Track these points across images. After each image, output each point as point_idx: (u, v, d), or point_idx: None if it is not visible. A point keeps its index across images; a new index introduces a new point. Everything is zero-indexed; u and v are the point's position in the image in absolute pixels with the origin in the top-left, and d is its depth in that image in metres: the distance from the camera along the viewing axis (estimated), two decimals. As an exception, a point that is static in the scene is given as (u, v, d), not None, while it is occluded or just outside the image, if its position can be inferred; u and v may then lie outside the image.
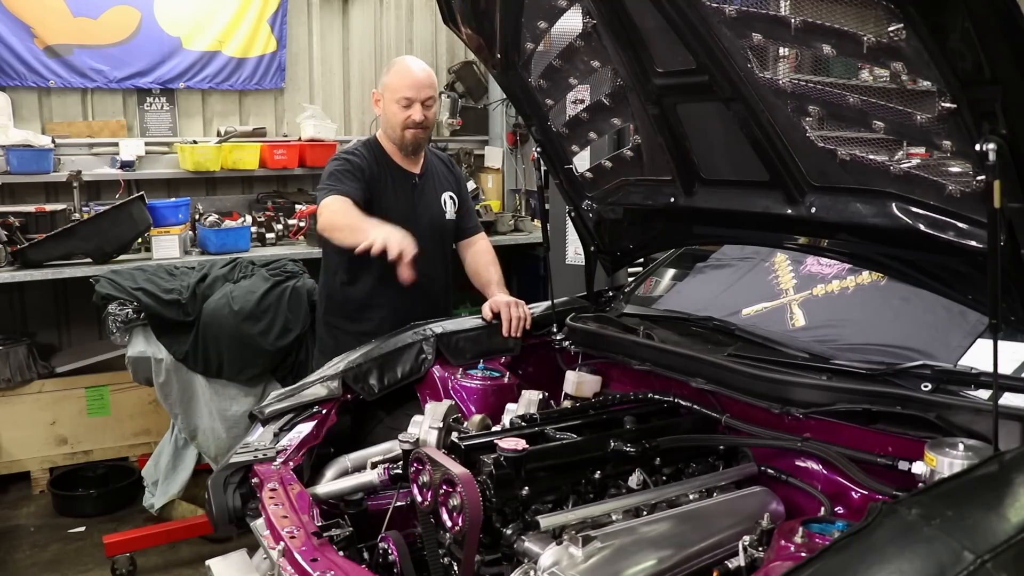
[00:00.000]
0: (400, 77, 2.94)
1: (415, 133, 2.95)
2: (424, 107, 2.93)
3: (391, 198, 2.96)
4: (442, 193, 3.11)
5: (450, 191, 3.14)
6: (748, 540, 1.61)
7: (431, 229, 3.02)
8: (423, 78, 2.94)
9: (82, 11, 4.93)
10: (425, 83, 2.94)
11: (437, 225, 3.08)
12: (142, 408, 4.61)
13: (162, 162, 5.17)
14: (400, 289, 2.77)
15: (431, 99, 2.96)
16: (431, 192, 3.08)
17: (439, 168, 3.17)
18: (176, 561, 3.78)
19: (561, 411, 2.26)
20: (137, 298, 3.61)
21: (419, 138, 2.98)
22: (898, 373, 1.88)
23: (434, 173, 3.12)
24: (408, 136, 2.95)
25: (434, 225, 3.06)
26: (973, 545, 1.15)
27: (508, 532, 1.68)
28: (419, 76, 2.93)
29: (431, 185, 3.09)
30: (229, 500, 2.04)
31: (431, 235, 3.01)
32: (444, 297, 3.16)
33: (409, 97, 2.91)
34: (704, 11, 1.78)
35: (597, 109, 2.38)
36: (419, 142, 2.99)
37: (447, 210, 3.11)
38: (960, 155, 1.58)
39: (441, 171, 3.17)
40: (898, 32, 1.46)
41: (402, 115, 2.92)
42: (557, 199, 3.42)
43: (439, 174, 3.15)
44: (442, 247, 3.12)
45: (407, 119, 2.92)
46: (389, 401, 2.52)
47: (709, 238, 2.65)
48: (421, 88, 2.92)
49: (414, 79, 2.93)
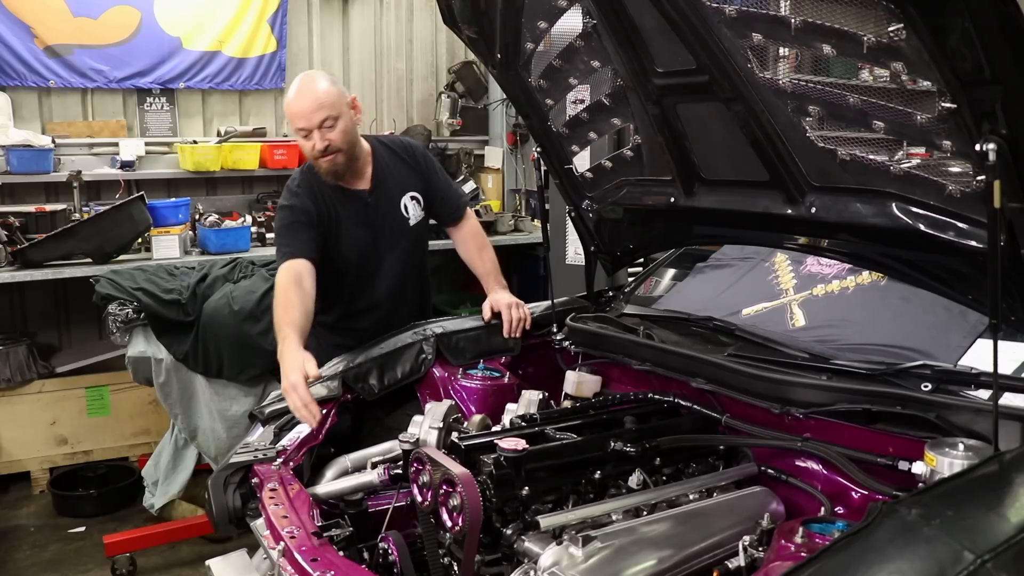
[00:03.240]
0: (290, 107, 2.67)
1: (328, 161, 2.66)
2: (323, 130, 2.61)
3: (345, 228, 2.76)
4: (401, 199, 2.87)
5: (412, 191, 2.89)
6: (748, 540, 1.61)
7: (394, 244, 2.86)
8: (311, 102, 2.60)
9: (82, 11, 4.93)
10: (314, 107, 2.60)
11: (402, 235, 2.88)
12: (142, 408, 4.61)
13: (162, 162, 5.17)
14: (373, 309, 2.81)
15: (329, 119, 2.61)
16: (387, 203, 2.85)
17: (395, 170, 2.88)
18: (176, 561, 3.78)
19: (561, 411, 2.26)
20: (137, 298, 3.61)
21: (334, 165, 2.68)
22: (898, 373, 1.88)
23: (388, 180, 2.85)
24: (323, 165, 2.68)
25: (398, 238, 2.86)
26: (973, 545, 1.15)
27: (508, 532, 1.68)
28: (306, 101, 2.61)
29: (386, 196, 2.85)
30: (229, 500, 2.04)
31: (396, 247, 2.86)
32: (423, 302, 3.04)
33: (302, 127, 2.63)
34: (704, 11, 1.78)
35: (597, 109, 2.38)
36: (336, 169, 2.69)
37: (410, 216, 2.88)
38: (960, 155, 1.58)
39: (398, 173, 2.88)
40: (898, 32, 1.46)
41: (307, 146, 2.66)
42: (557, 199, 3.42)
43: (395, 178, 2.87)
44: (412, 252, 2.93)
45: (312, 150, 2.65)
46: (389, 401, 2.52)
47: (709, 238, 2.64)
48: (311, 114, 2.60)
49: (301, 106, 2.62)
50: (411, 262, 2.94)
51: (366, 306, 2.85)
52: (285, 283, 2.54)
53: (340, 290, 2.74)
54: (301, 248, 2.61)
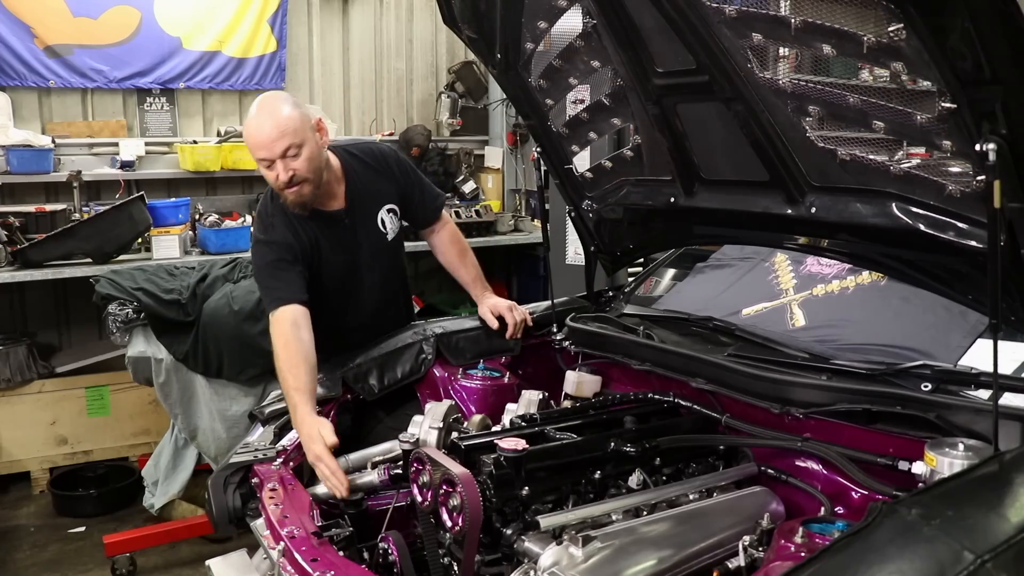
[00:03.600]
0: (249, 137, 2.44)
1: (294, 192, 2.45)
2: (287, 160, 2.40)
3: (325, 253, 2.61)
4: (378, 213, 2.70)
5: (388, 203, 2.72)
6: (748, 540, 1.62)
7: (375, 261, 2.73)
8: (271, 131, 2.38)
9: (82, 11, 4.92)
10: (275, 135, 2.38)
11: (380, 251, 2.74)
12: (142, 408, 4.60)
13: (162, 162, 5.16)
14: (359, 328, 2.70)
15: (293, 147, 2.39)
16: (364, 221, 2.68)
17: (369, 183, 2.69)
18: (176, 561, 3.78)
19: (561, 411, 2.26)
20: (137, 298, 3.61)
21: (302, 196, 2.47)
22: (898, 373, 1.88)
23: (363, 195, 2.67)
24: (289, 197, 2.47)
25: (376, 254, 2.73)
26: (973, 545, 1.15)
27: (508, 532, 1.68)
28: (266, 129, 2.39)
29: (362, 213, 2.67)
30: (229, 500, 2.04)
31: (376, 262, 2.74)
32: (405, 309, 2.96)
33: (264, 158, 2.42)
34: (704, 11, 1.78)
35: (597, 109, 2.38)
36: (304, 199, 2.49)
37: (388, 230, 2.73)
38: (960, 155, 1.58)
39: (373, 186, 2.70)
40: (898, 32, 1.46)
41: (270, 176, 2.45)
42: (557, 199, 3.42)
43: (369, 192, 2.69)
44: (391, 265, 2.82)
45: (275, 181, 2.44)
46: (389, 401, 2.52)
47: (709, 238, 2.64)
48: (272, 143, 2.38)
49: (260, 137, 2.40)
50: (392, 276, 2.84)
51: (352, 325, 2.73)
52: (284, 336, 2.38)
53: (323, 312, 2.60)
54: (289, 291, 2.45)
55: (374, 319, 2.76)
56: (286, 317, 2.41)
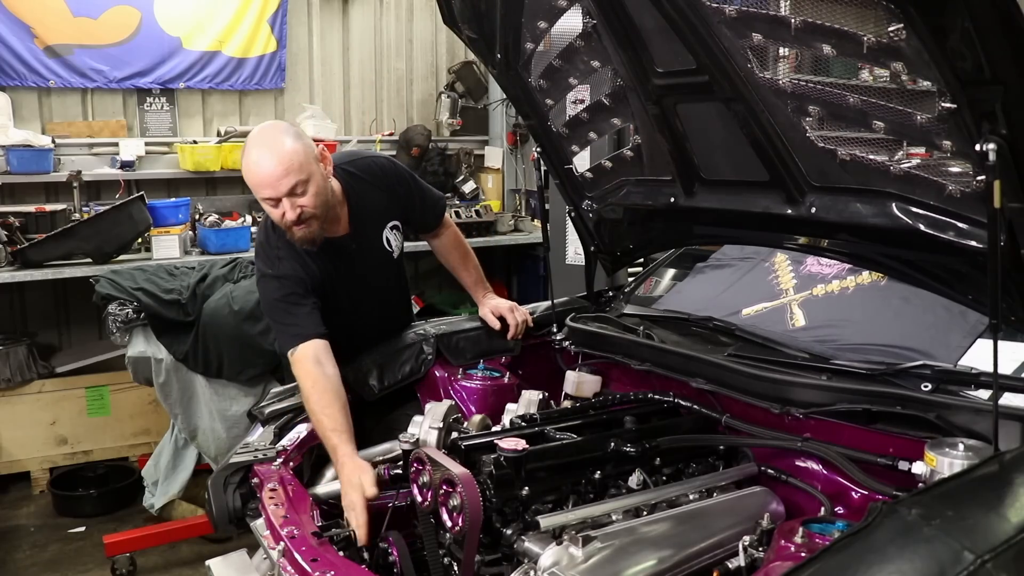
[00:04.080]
0: (252, 175, 2.30)
1: (303, 229, 2.34)
2: (293, 198, 2.28)
3: (334, 277, 2.52)
4: (382, 232, 2.63)
5: (391, 220, 2.65)
6: (748, 540, 1.61)
7: (381, 279, 2.69)
8: (275, 170, 2.24)
9: (82, 11, 4.92)
10: (281, 173, 2.24)
11: (387, 267, 2.69)
12: (142, 408, 4.60)
13: (162, 162, 5.17)
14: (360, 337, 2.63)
15: (299, 184, 2.26)
16: (370, 244, 2.60)
17: (370, 202, 2.59)
18: (176, 561, 3.78)
19: (561, 411, 2.26)
20: (137, 298, 3.61)
21: (311, 233, 2.36)
22: (898, 373, 1.88)
23: (366, 217, 2.58)
24: (297, 234, 2.35)
25: (383, 273, 2.68)
26: (973, 545, 1.15)
27: (508, 532, 1.68)
28: (270, 167, 2.25)
29: (368, 236, 2.59)
30: (229, 500, 2.04)
31: (383, 284, 2.71)
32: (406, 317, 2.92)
33: (268, 197, 2.29)
34: (704, 11, 1.78)
35: (597, 109, 2.38)
36: (313, 236, 2.37)
37: (393, 248, 2.67)
38: (960, 155, 1.58)
39: (373, 203, 2.60)
40: (898, 32, 1.46)
41: (276, 214, 2.33)
42: (557, 199, 3.42)
43: (372, 211, 2.60)
44: (397, 278, 2.80)
45: (282, 219, 2.32)
46: (389, 401, 2.52)
47: (709, 238, 2.64)
48: (278, 182, 2.25)
49: (265, 174, 2.26)
50: (396, 290, 2.84)
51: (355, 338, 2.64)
52: (311, 376, 2.26)
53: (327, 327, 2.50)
54: (308, 327, 2.34)
55: (377, 330, 2.74)
56: (307, 355, 2.29)
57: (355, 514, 1.93)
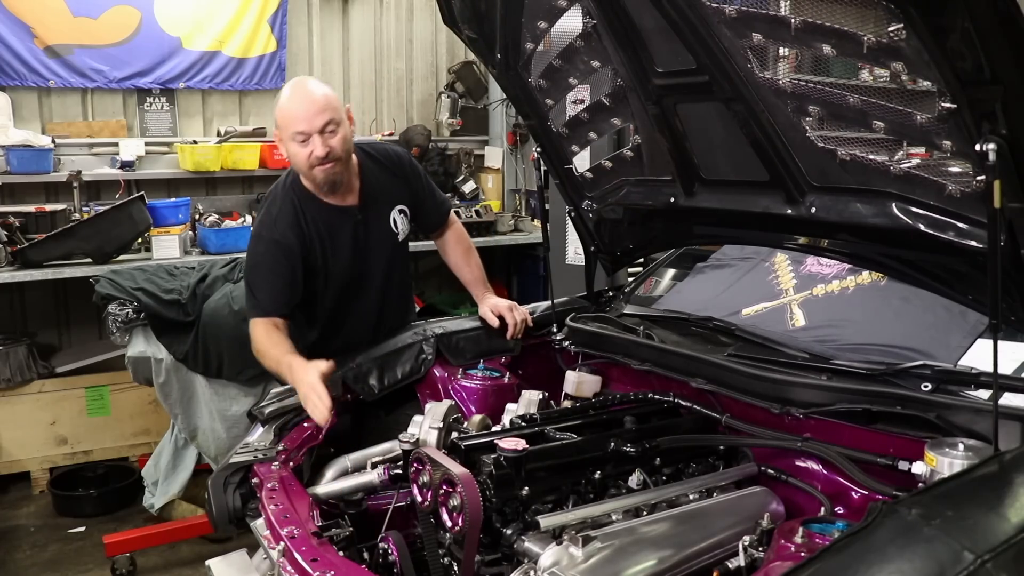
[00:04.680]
0: (288, 110, 2.46)
1: (325, 170, 2.48)
2: (325, 136, 2.43)
3: (333, 251, 2.61)
4: (390, 213, 2.73)
5: (400, 204, 2.75)
6: (748, 540, 1.61)
7: (383, 260, 2.74)
8: (314, 104, 2.43)
9: (82, 11, 4.92)
10: (317, 109, 2.42)
11: (391, 250, 2.76)
12: (142, 408, 4.60)
13: (162, 162, 5.16)
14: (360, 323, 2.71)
15: (331, 124, 2.44)
16: (376, 220, 2.70)
17: (383, 181, 2.72)
18: (176, 561, 3.78)
19: (561, 411, 2.26)
20: (137, 298, 3.61)
21: (334, 174, 2.50)
22: (898, 373, 1.88)
23: (377, 194, 2.69)
24: (319, 175, 2.49)
25: (386, 253, 2.74)
26: (973, 545, 1.15)
27: (508, 532, 1.68)
28: (308, 103, 2.43)
29: (375, 211, 2.69)
30: (229, 500, 2.04)
31: (385, 262, 2.74)
32: (405, 310, 2.94)
33: (302, 131, 2.42)
34: (704, 11, 1.78)
35: (597, 109, 2.38)
36: (334, 179, 2.52)
37: (399, 230, 2.76)
38: (960, 155, 1.58)
39: (387, 185, 2.72)
40: (898, 32, 1.46)
41: (303, 153, 2.45)
42: (557, 199, 3.42)
43: (383, 191, 2.71)
44: (399, 266, 2.84)
45: (310, 157, 2.45)
46: (389, 401, 2.52)
47: (709, 238, 2.64)
48: (313, 117, 2.41)
49: (303, 108, 2.43)
50: (398, 276, 2.85)
51: (355, 324, 2.73)
52: (264, 334, 2.48)
53: (327, 309, 2.66)
54: (272, 303, 2.51)
55: (378, 318, 2.77)
56: (265, 325, 2.50)
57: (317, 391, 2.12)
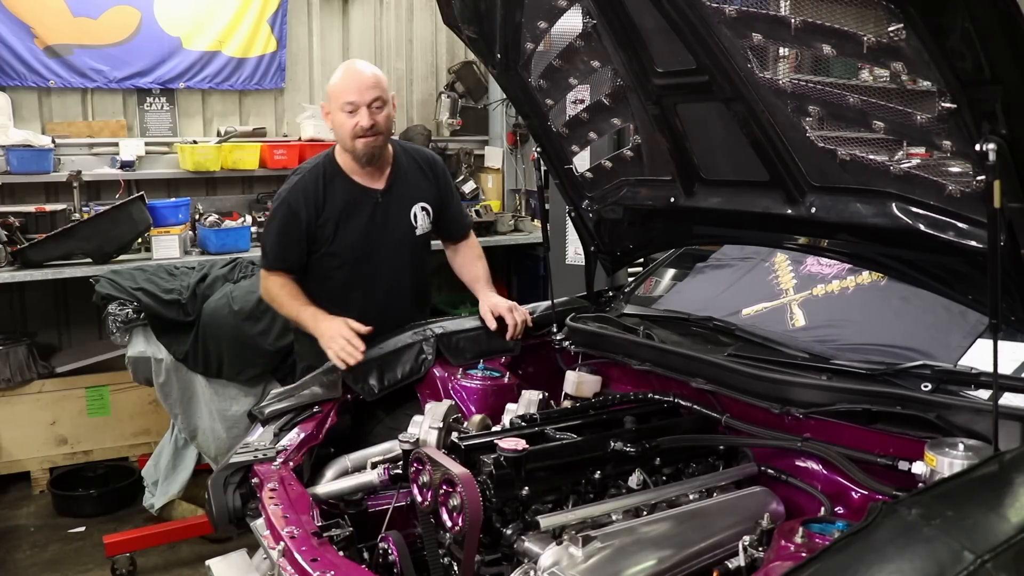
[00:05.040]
0: (342, 82, 2.71)
1: (367, 142, 2.69)
2: (372, 110, 2.67)
3: (345, 228, 2.77)
4: (412, 206, 2.87)
5: (424, 201, 2.89)
6: (748, 540, 1.61)
7: (397, 248, 2.85)
8: (367, 79, 2.68)
9: (82, 11, 4.92)
10: (369, 84, 2.68)
11: (405, 243, 2.87)
12: (142, 408, 4.60)
13: (162, 162, 5.16)
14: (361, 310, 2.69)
15: (379, 100, 2.68)
16: (397, 209, 2.84)
17: (412, 176, 2.88)
18: (176, 561, 3.78)
19: (561, 411, 2.26)
20: (137, 298, 3.61)
21: (373, 147, 2.71)
22: (898, 373, 1.88)
23: (403, 184, 2.85)
24: (360, 146, 2.70)
25: (401, 244, 2.86)
26: (973, 545, 1.15)
27: (508, 532, 1.68)
28: (363, 78, 2.68)
29: (398, 200, 2.84)
30: (229, 500, 2.04)
31: (397, 254, 2.86)
32: (417, 309, 2.95)
33: (352, 101, 2.66)
34: (704, 11, 1.78)
35: (597, 109, 2.38)
36: (373, 151, 2.72)
37: (418, 224, 2.88)
38: (960, 155, 1.58)
39: (415, 179, 2.89)
40: (898, 32, 1.46)
41: (349, 123, 2.67)
42: (557, 199, 3.42)
43: (410, 183, 2.87)
44: (412, 262, 2.91)
45: (355, 127, 2.67)
46: (389, 401, 2.52)
47: (709, 238, 2.64)
48: (364, 90, 2.66)
49: (356, 82, 2.68)
50: (411, 272, 2.91)
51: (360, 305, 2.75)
52: (278, 284, 2.74)
53: (336, 282, 2.80)
54: (276, 261, 2.78)
55: (385, 304, 2.82)
56: (273, 280, 2.76)
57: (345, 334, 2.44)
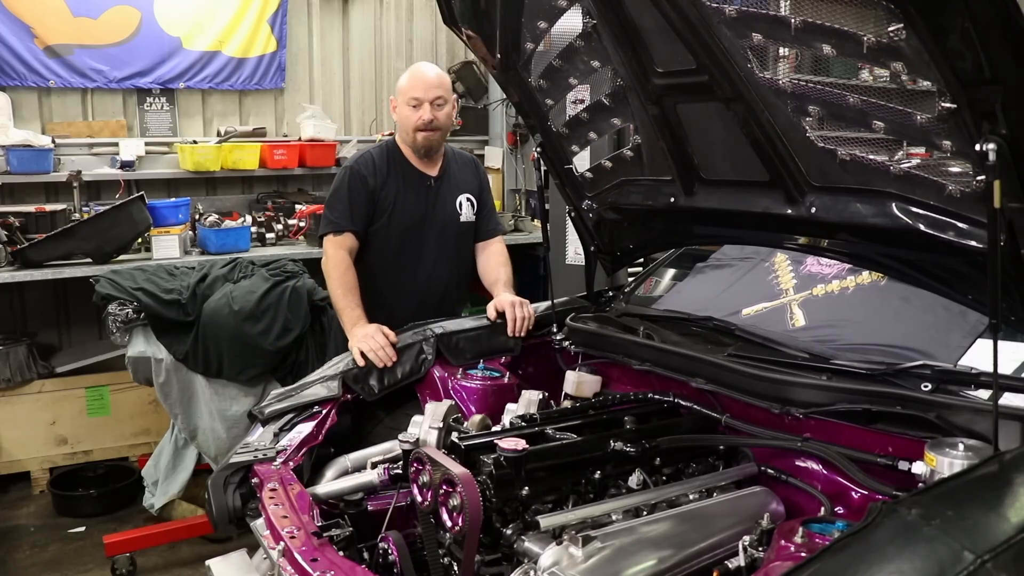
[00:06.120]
0: (410, 79, 3.01)
1: (426, 136, 2.98)
2: (433, 107, 2.96)
3: (403, 201, 3.03)
4: (459, 195, 3.14)
5: (469, 192, 3.17)
6: (748, 540, 1.61)
7: (443, 230, 3.10)
8: (432, 79, 2.99)
9: (82, 11, 4.92)
10: (434, 83, 2.98)
11: (451, 226, 3.12)
12: (142, 408, 4.60)
13: (162, 162, 5.17)
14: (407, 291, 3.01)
15: (441, 99, 2.98)
16: (447, 194, 3.12)
17: (461, 171, 3.19)
18: (176, 561, 3.78)
19: (561, 411, 2.26)
20: (137, 298, 3.60)
21: (431, 140, 3.01)
22: (898, 373, 1.88)
23: (453, 175, 3.15)
24: (420, 138, 2.99)
25: (447, 227, 3.11)
26: (973, 545, 1.15)
27: (508, 532, 1.68)
28: (428, 77, 2.99)
29: (447, 187, 3.12)
30: (229, 500, 2.04)
31: (442, 236, 3.10)
32: (454, 297, 3.20)
33: (417, 97, 2.96)
34: (704, 11, 1.78)
35: (597, 109, 2.38)
36: (431, 144, 3.02)
37: (462, 212, 3.14)
38: (960, 155, 1.58)
39: (462, 174, 3.19)
40: (898, 32, 1.46)
41: (412, 116, 2.97)
42: (557, 199, 3.42)
43: (459, 176, 3.17)
44: (455, 248, 3.15)
45: (417, 120, 2.96)
46: (389, 401, 2.52)
47: (709, 238, 2.64)
48: (429, 88, 2.96)
49: (423, 80, 2.98)
50: (453, 259, 3.13)
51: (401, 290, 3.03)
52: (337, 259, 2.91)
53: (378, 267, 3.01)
54: (343, 219, 2.96)
55: (424, 294, 3.05)
56: (339, 243, 2.94)
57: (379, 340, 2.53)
